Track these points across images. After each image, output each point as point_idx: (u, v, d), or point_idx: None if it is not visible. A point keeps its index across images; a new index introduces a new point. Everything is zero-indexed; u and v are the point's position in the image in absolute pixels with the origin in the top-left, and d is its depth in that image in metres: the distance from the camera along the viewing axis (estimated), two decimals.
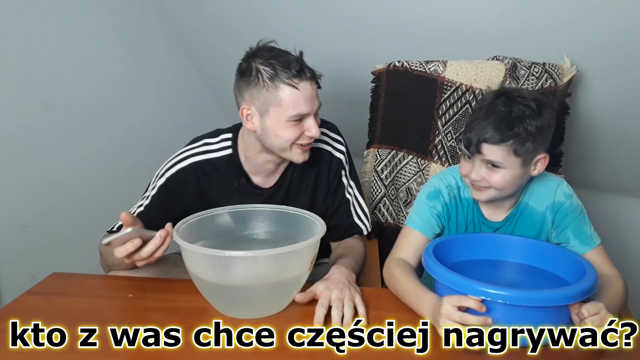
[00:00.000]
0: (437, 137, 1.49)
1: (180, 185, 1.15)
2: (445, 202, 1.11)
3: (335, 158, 1.23)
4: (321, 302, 0.93)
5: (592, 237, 1.06)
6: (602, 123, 1.56)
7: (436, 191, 1.12)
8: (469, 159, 1.03)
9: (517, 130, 0.96)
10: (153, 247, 0.93)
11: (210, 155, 1.17)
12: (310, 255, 0.95)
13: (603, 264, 1.02)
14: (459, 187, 1.12)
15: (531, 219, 1.09)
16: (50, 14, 1.61)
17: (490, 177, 1.00)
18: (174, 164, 1.16)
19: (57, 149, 1.66)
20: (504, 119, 0.97)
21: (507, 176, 1.00)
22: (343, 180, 1.24)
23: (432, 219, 1.10)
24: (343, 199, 1.24)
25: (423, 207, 1.12)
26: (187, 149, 1.18)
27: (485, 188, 1.03)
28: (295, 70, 1.05)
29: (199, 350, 0.84)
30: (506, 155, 0.97)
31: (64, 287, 1.06)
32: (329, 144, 1.24)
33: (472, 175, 1.02)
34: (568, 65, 1.43)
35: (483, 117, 0.99)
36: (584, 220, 1.07)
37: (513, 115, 0.97)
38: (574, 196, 1.09)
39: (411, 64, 1.46)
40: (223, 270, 0.90)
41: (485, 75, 1.43)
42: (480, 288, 0.83)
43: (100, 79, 1.79)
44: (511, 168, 0.99)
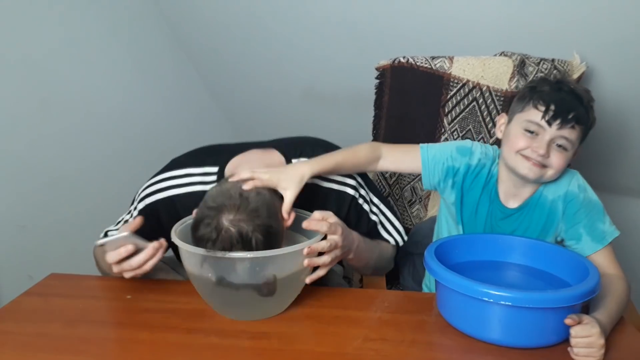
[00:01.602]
0: (442, 135, 1.47)
1: (158, 215, 1.08)
2: (469, 164, 1.09)
3: (345, 195, 1.13)
4: (327, 240, 0.93)
5: (604, 234, 1.03)
6: (612, 121, 1.53)
7: (468, 150, 1.10)
8: (530, 134, 1.00)
9: (589, 115, 0.99)
10: (144, 257, 0.91)
11: (191, 188, 1.07)
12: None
13: (610, 264, 1.01)
14: (494, 161, 1.10)
15: (542, 208, 1.08)
16: (49, 14, 1.61)
17: (556, 157, 1.00)
18: (153, 192, 1.09)
19: (56, 149, 1.66)
20: (580, 101, 0.99)
21: (567, 159, 1.01)
22: (364, 208, 1.16)
23: (439, 164, 1.09)
24: (370, 223, 1.17)
25: (443, 151, 1.10)
26: (167, 177, 1.10)
27: (542, 166, 1.01)
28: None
29: (198, 352, 0.83)
30: (577, 138, 0.99)
31: (62, 288, 1.05)
32: (335, 182, 1.13)
33: (542, 150, 0.98)
34: (577, 62, 1.40)
35: (565, 93, 0.99)
36: (597, 216, 1.05)
37: (585, 101, 0.99)
38: (588, 190, 1.07)
39: (416, 60, 1.44)
40: (222, 271, 0.89)
41: (493, 72, 1.41)
42: (482, 289, 0.82)
43: (100, 79, 1.79)
44: (572, 151, 1.00)
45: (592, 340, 0.79)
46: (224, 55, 1.98)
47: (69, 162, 1.70)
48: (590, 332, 0.79)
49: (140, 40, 1.94)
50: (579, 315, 0.81)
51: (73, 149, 1.71)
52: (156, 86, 2.02)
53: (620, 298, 0.93)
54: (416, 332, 0.89)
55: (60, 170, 1.67)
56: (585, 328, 0.79)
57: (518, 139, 1.02)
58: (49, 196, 1.65)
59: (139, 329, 0.90)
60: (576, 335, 0.79)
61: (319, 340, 0.86)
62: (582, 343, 0.79)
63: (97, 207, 1.71)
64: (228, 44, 1.90)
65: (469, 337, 0.86)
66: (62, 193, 1.68)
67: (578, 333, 0.79)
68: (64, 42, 1.67)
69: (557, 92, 1.00)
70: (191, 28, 1.96)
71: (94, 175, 1.77)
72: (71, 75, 1.69)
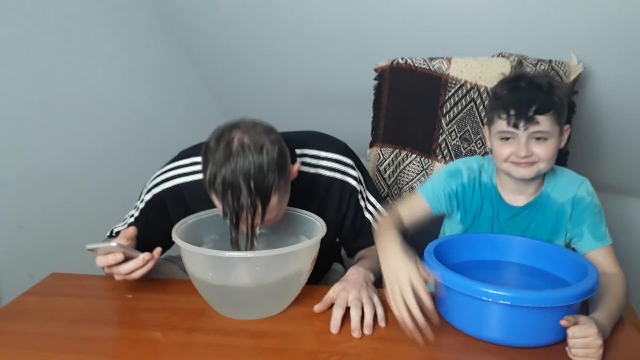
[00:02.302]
0: (441, 135, 1.47)
1: (165, 205, 1.10)
2: (463, 182, 1.12)
3: (347, 185, 1.15)
4: (338, 302, 0.91)
5: (605, 235, 1.05)
6: (609, 122, 1.54)
7: (457, 171, 1.13)
8: (508, 140, 1.02)
9: (554, 98, 0.99)
10: (132, 267, 0.92)
11: (198, 175, 1.08)
12: (310, 256, 0.94)
13: (610, 263, 1.01)
14: (481, 171, 1.13)
15: (550, 209, 1.09)
16: (49, 14, 1.61)
17: (540, 149, 1.01)
18: (160, 182, 1.11)
19: (56, 149, 1.66)
20: (539, 89, 1.00)
21: (552, 146, 1.01)
22: (360, 204, 1.17)
23: (442, 195, 1.12)
24: (363, 219, 1.18)
25: (438, 181, 1.13)
26: (174, 167, 1.12)
27: (532, 163, 1.02)
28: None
29: (199, 351, 0.83)
30: (552, 125, 0.99)
31: (63, 287, 1.05)
32: (338, 171, 1.14)
33: (522, 152, 1.00)
34: (575, 63, 1.41)
35: (521, 91, 1.01)
36: (601, 220, 1.07)
37: (544, 86, 1.00)
38: (595, 196, 1.09)
39: (415, 61, 1.45)
40: (223, 271, 0.89)
41: (491, 73, 1.42)
42: (481, 288, 0.82)
43: (99, 79, 1.79)
44: (555, 138, 1.01)
45: (590, 340, 0.79)
46: (225, 55, 1.98)
47: (70, 161, 1.69)
48: (587, 332, 0.79)
49: (140, 41, 1.94)
50: (574, 316, 0.81)
51: (74, 148, 1.70)
52: (156, 86, 2.02)
53: (620, 297, 0.93)
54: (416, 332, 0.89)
55: (61, 169, 1.67)
56: (583, 329, 0.80)
57: (500, 149, 1.05)
58: (50, 196, 1.65)
59: (140, 328, 0.90)
60: (573, 336, 0.80)
61: (318, 340, 0.87)
62: (579, 344, 0.79)
63: (98, 206, 1.71)
64: (228, 45, 1.91)
65: (468, 337, 0.87)
66: (63, 193, 1.68)
67: (575, 334, 0.80)
68: (64, 42, 1.66)
69: (514, 92, 1.02)
70: (191, 28, 1.96)
71: (95, 174, 1.77)
72: (71, 75, 1.69)
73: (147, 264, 0.93)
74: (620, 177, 1.72)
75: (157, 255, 0.94)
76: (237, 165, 0.87)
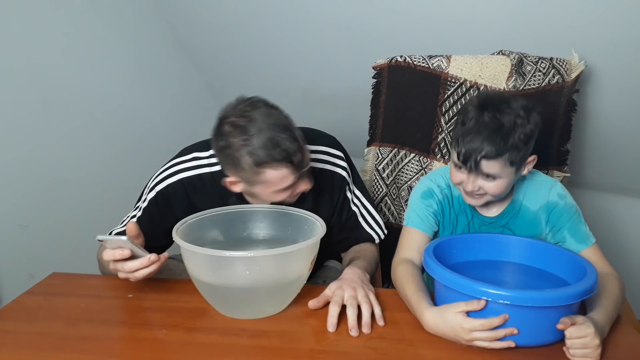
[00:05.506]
0: (440, 134, 1.47)
1: (169, 201, 1.12)
2: (439, 199, 1.13)
3: (337, 175, 1.18)
4: (334, 300, 0.92)
5: (587, 235, 1.06)
6: (611, 120, 1.53)
7: (429, 190, 1.13)
8: (461, 169, 1.02)
9: (511, 141, 0.95)
10: (137, 265, 0.92)
11: (199, 170, 1.12)
12: (310, 255, 0.94)
13: (599, 262, 1.01)
14: (449, 186, 1.13)
15: (525, 217, 1.10)
16: (49, 14, 1.61)
17: (487, 186, 1.01)
18: (163, 178, 1.12)
19: (57, 148, 1.67)
20: (497, 131, 0.95)
21: (503, 184, 1.01)
22: (347, 195, 1.20)
23: (430, 217, 1.12)
24: (349, 212, 1.20)
25: (419, 206, 1.13)
26: (176, 163, 1.13)
27: (480, 195, 1.04)
28: (280, 156, 0.97)
29: (199, 350, 0.83)
30: (503, 167, 0.98)
31: (63, 287, 1.05)
32: (328, 162, 1.18)
33: (468, 187, 1.02)
34: (576, 60, 1.40)
35: (475, 131, 0.97)
36: (579, 220, 1.07)
37: (505, 127, 0.96)
38: (567, 196, 1.09)
39: (414, 59, 1.44)
40: (223, 271, 0.90)
41: (491, 71, 1.41)
42: (481, 288, 0.83)
43: (100, 79, 1.79)
44: (507, 177, 1.00)
45: (587, 340, 0.79)
46: (225, 56, 1.98)
47: (71, 162, 1.70)
48: (585, 332, 0.79)
49: (141, 42, 1.94)
50: (571, 317, 0.82)
51: (75, 149, 1.71)
52: (157, 87, 2.02)
53: (616, 295, 0.93)
54: (415, 331, 0.89)
55: (62, 170, 1.68)
56: (580, 329, 0.80)
57: (453, 174, 1.05)
58: (51, 196, 1.65)
59: (140, 328, 0.91)
60: (571, 336, 0.80)
61: (318, 339, 0.87)
62: (577, 344, 0.80)
63: (99, 206, 1.72)
64: (228, 45, 1.90)
65: None
66: (64, 193, 1.68)
67: (572, 334, 0.80)
68: (66, 43, 1.67)
69: (469, 133, 0.97)
70: (192, 29, 1.96)
71: (96, 175, 1.78)
72: (73, 76, 1.70)
73: (152, 265, 0.93)
74: (620, 176, 1.72)
75: (164, 259, 0.95)
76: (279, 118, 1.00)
